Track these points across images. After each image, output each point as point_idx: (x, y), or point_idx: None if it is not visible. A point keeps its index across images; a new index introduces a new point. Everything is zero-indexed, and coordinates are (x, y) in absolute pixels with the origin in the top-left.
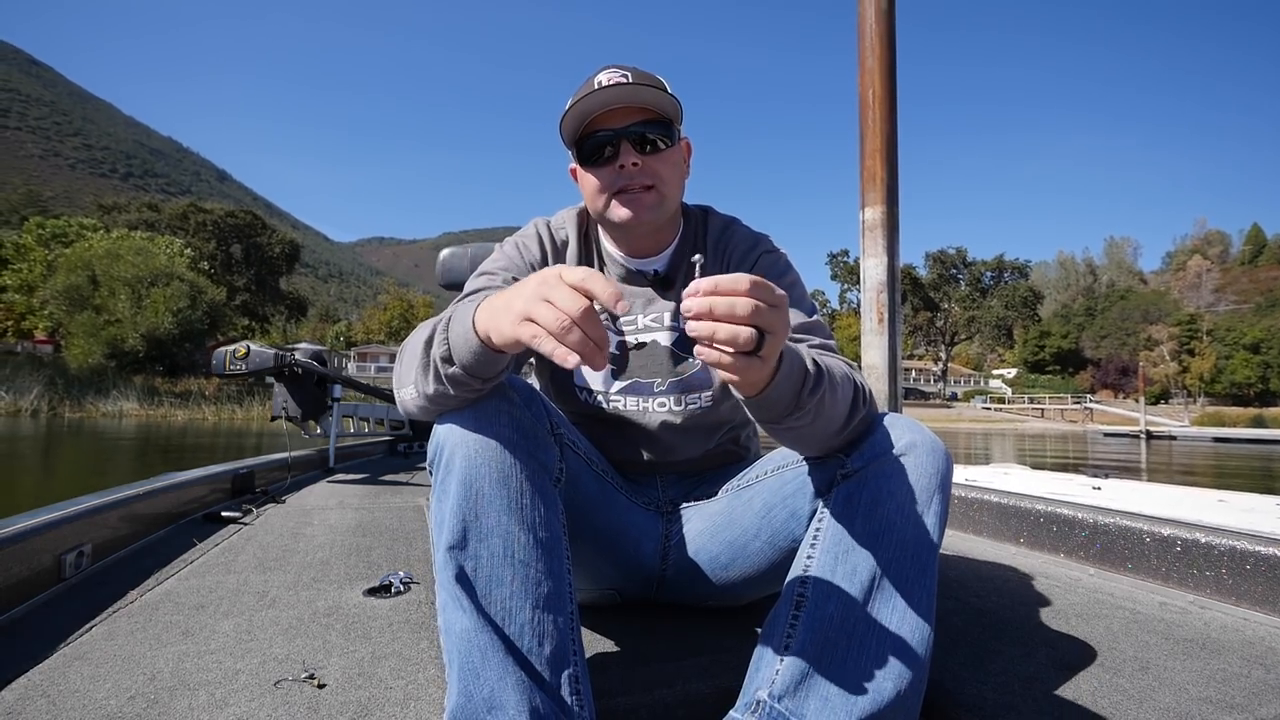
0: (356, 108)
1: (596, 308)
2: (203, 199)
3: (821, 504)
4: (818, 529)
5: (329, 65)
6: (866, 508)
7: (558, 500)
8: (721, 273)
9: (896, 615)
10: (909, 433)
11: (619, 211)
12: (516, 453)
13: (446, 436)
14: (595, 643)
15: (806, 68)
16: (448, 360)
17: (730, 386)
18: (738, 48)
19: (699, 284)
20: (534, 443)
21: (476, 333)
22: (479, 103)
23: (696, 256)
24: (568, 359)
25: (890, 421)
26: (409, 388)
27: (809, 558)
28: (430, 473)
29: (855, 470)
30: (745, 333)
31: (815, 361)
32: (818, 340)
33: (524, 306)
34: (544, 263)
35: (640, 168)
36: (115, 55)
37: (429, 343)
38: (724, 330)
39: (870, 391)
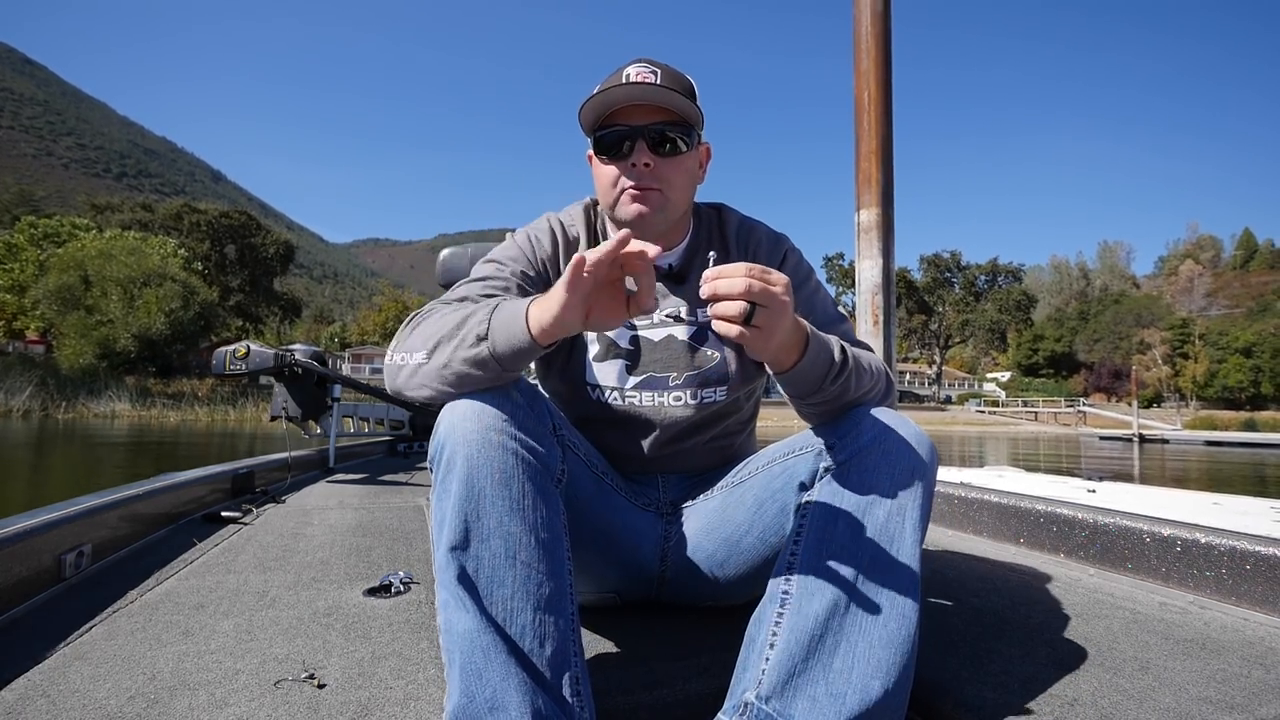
0: (352, 109)
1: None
2: (197, 199)
3: (805, 498)
4: (801, 524)
5: (325, 66)
6: (850, 501)
7: (559, 501)
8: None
9: (882, 610)
10: (893, 425)
11: (629, 208)
12: (519, 453)
13: (448, 435)
14: (595, 643)
15: (800, 70)
16: (483, 339)
17: (765, 364)
18: (730, 49)
19: (708, 273)
20: (537, 443)
21: (528, 325)
22: (474, 104)
23: (711, 254)
24: (647, 250)
25: (874, 414)
26: (418, 353)
27: (792, 554)
28: (431, 470)
29: (839, 463)
30: (737, 306)
31: (844, 350)
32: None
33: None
34: (554, 257)
35: (652, 169)
36: (110, 55)
37: (464, 321)
38: (722, 305)
39: (894, 382)
